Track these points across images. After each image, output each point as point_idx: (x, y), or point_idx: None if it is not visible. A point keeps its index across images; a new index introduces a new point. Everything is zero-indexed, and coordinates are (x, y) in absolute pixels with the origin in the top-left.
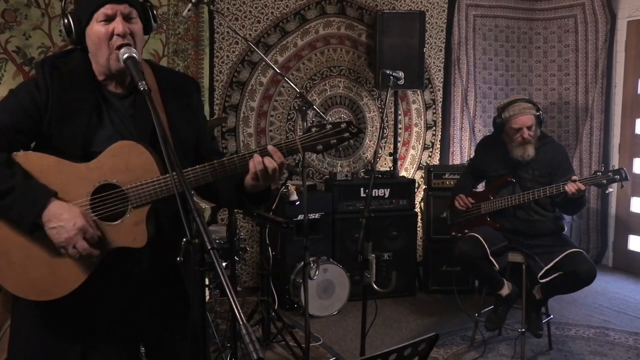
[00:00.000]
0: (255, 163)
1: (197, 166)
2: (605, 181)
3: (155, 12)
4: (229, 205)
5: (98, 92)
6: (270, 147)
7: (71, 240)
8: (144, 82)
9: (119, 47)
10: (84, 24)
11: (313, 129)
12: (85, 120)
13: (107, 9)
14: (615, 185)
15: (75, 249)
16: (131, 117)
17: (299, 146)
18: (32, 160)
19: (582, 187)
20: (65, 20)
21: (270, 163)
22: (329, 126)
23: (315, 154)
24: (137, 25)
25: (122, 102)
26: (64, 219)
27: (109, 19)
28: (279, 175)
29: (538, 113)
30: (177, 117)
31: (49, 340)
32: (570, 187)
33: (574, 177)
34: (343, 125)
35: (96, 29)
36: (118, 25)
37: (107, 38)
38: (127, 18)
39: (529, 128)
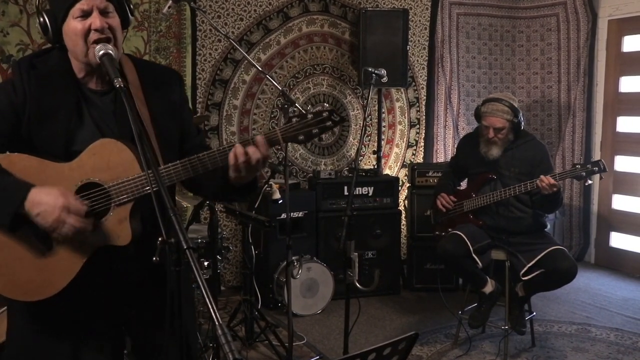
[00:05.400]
0: (237, 154)
1: (178, 162)
2: (584, 173)
3: (131, 5)
4: (215, 198)
5: (78, 91)
6: (258, 138)
7: (58, 220)
8: (119, 79)
9: (97, 42)
10: (60, 22)
11: (294, 119)
12: (66, 120)
13: (82, 4)
14: (595, 178)
15: (66, 228)
16: (113, 114)
17: (279, 137)
18: (14, 162)
19: (553, 181)
20: (41, 19)
21: (254, 153)
22: (310, 116)
23: (299, 150)
24: (115, 20)
25: (102, 98)
26: (45, 202)
27: (85, 15)
28: (262, 166)
29: (514, 119)
30: (159, 111)
31: (40, 339)
32: (542, 183)
33: (549, 176)
34: (325, 115)
35: (73, 25)
36: (95, 20)
37: (84, 34)
38: (103, 12)
39: (496, 129)
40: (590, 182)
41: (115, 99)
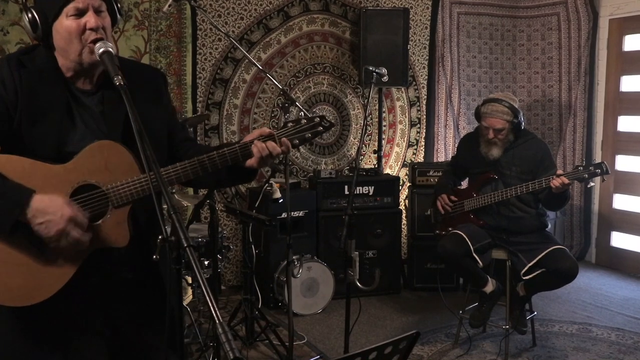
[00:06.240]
0: (260, 149)
1: (177, 164)
2: (586, 175)
3: (120, 5)
4: (217, 188)
5: (67, 90)
6: (283, 140)
7: (63, 232)
8: (119, 77)
9: (94, 42)
10: (51, 19)
11: (289, 124)
12: (57, 120)
13: (78, 3)
14: (597, 179)
15: (68, 240)
16: (101, 114)
17: (276, 140)
18: (5, 163)
19: (567, 180)
20: (30, 15)
21: (274, 149)
22: (303, 121)
23: (300, 149)
24: (107, 19)
25: (90, 99)
26: (50, 212)
27: (80, 13)
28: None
29: (514, 120)
30: (146, 111)
31: (30, 343)
32: (555, 182)
33: (558, 172)
34: (317, 120)
35: (67, 23)
36: (90, 19)
37: (79, 33)
38: (97, 11)
39: (496, 130)
40: (592, 184)
41: (103, 99)
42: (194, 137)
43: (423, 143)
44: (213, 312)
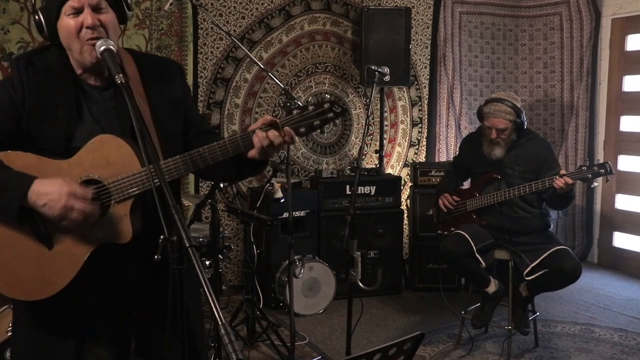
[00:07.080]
0: (260, 139)
1: (177, 157)
2: (590, 175)
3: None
4: (225, 181)
5: (77, 87)
6: (286, 129)
7: (66, 207)
8: (120, 75)
9: (91, 40)
10: (53, 19)
11: (295, 111)
12: (65, 116)
13: (73, 2)
14: (600, 180)
15: (75, 213)
16: (114, 109)
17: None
18: (13, 159)
19: (570, 180)
20: (37, 17)
21: (275, 138)
22: (311, 107)
23: (301, 149)
24: (109, 15)
25: (102, 94)
26: (51, 191)
27: (77, 12)
28: (281, 148)
29: (517, 119)
30: (159, 105)
31: (43, 337)
32: (558, 183)
33: (562, 172)
34: (326, 106)
35: (65, 22)
36: (87, 17)
37: (77, 31)
38: (96, 9)
39: (499, 130)
40: (595, 184)
41: (115, 94)
42: (211, 128)
43: (425, 143)
44: (215, 313)
